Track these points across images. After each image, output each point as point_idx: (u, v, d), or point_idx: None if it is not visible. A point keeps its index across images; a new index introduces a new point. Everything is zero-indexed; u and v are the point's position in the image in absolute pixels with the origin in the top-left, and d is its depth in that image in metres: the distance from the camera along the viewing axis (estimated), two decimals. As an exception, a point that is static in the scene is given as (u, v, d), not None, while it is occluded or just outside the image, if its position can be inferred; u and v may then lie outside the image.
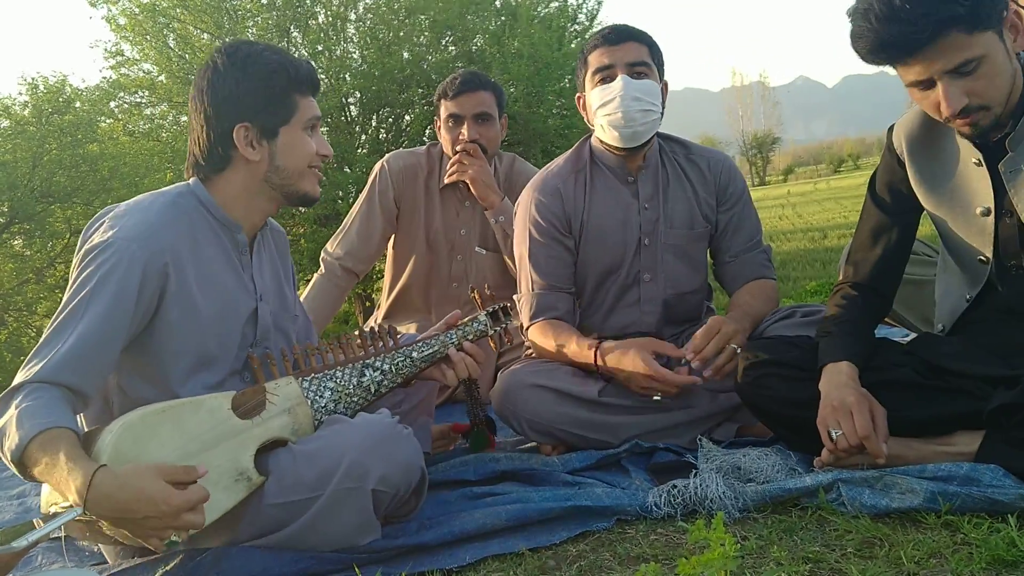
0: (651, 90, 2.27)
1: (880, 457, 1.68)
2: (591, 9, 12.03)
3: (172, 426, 1.56)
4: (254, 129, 1.74)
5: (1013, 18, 1.62)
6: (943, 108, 1.65)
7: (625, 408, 2.16)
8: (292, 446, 1.68)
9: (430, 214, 3.15)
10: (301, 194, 1.82)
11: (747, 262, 2.42)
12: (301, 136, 1.78)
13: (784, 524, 1.63)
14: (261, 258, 1.89)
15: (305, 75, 1.78)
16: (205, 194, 1.77)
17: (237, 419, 1.64)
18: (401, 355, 1.91)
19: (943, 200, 1.86)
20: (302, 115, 1.77)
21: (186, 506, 1.41)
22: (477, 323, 2.04)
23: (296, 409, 1.73)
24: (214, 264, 1.75)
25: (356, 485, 1.60)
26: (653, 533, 1.68)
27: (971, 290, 1.88)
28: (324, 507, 1.60)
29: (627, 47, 2.29)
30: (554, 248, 2.39)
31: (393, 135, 10.19)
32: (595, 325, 2.42)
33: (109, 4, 10.12)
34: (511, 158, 3.29)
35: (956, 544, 1.47)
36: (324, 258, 3.15)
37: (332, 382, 1.81)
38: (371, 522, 1.65)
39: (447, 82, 3.07)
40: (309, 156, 1.79)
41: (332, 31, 10.21)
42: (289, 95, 1.75)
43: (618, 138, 2.30)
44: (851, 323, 1.90)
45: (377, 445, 1.65)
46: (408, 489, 1.72)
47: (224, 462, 1.58)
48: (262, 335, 1.83)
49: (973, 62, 1.60)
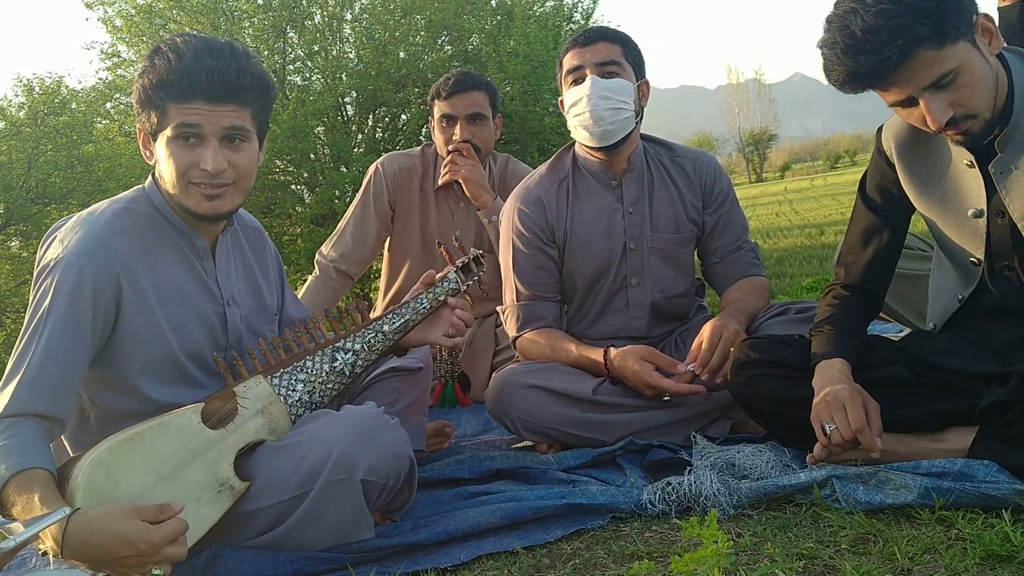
0: (621, 88, 2.27)
1: (874, 451, 1.68)
2: (586, 8, 12.02)
3: (143, 452, 1.54)
4: (144, 130, 1.66)
5: (984, 22, 1.61)
6: (929, 123, 1.65)
7: (619, 406, 2.16)
8: (277, 445, 1.67)
9: (425, 215, 3.15)
10: (183, 208, 1.66)
11: (735, 261, 2.43)
12: (171, 147, 1.61)
13: (778, 520, 1.64)
14: (228, 260, 1.83)
15: (186, 79, 1.57)
16: (158, 196, 1.71)
17: (209, 431, 1.62)
18: (372, 331, 1.87)
19: (934, 202, 1.86)
20: (171, 121, 1.60)
21: (165, 541, 1.40)
22: (447, 281, 1.98)
23: (270, 408, 1.72)
24: (172, 271, 1.71)
25: (345, 477, 1.60)
26: (648, 530, 1.68)
27: (964, 290, 1.88)
28: (314, 502, 1.59)
29: (597, 47, 2.30)
30: (538, 258, 2.39)
31: (390, 134, 10.18)
32: (583, 331, 2.43)
33: (105, 5, 10.11)
34: (505, 158, 3.30)
35: (950, 539, 1.47)
36: (318, 260, 3.15)
37: (303, 373, 1.78)
38: (363, 515, 1.65)
39: (440, 82, 3.07)
40: (179, 169, 1.62)
41: (328, 31, 10.21)
42: (161, 101, 1.60)
43: (589, 138, 2.30)
44: (843, 322, 1.91)
45: (364, 436, 1.64)
46: (398, 479, 1.70)
47: (203, 476, 1.57)
48: (234, 340, 1.80)
49: (949, 75, 1.61)
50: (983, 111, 1.65)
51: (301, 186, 9.92)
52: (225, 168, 1.63)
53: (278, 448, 1.66)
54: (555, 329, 2.38)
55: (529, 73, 9.45)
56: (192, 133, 1.61)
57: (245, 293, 1.87)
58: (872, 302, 2.01)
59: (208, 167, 1.61)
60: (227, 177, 1.65)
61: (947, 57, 1.59)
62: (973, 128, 1.67)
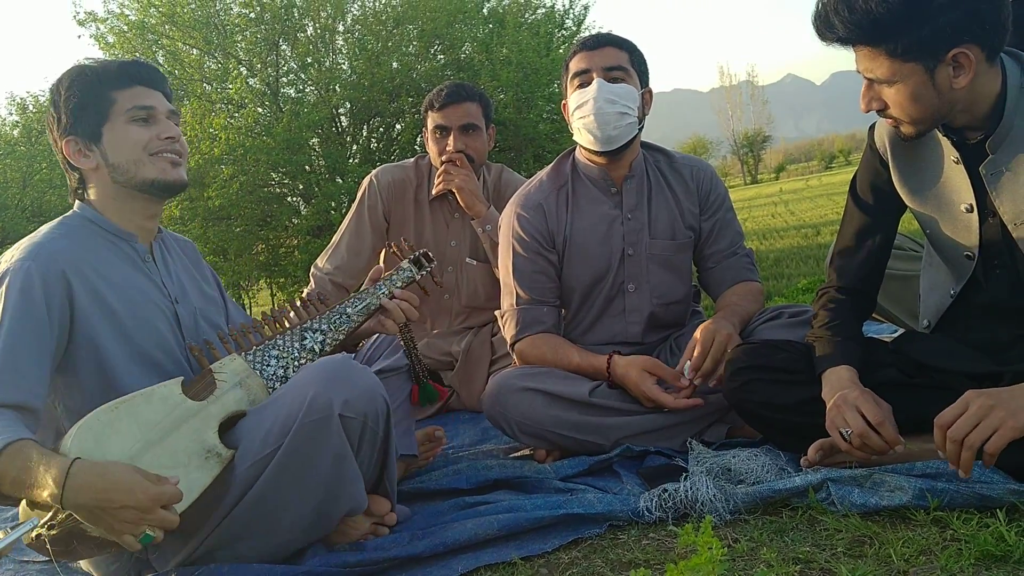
0: (627, 94, 2.29)
1: (897, 444, 1.68)
2: (578, 14, 12.07)
3: (129, 419, 1.56)
4: (80, 139, 1.77)
5: (961, 57, 1.61)
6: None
7: (615, 410, 2.17)
8: (253, 409, 1.70)
9: (420, 226, 3.16)
10: (150, 182, 1.78)
11: (730, 266, 2.44)
12: (126, 128, 1.77)
13: (775, 525, 1.64)
14: (167, 264, 1.90)
15: (120, 69, 1.79)
16: (89, 211, 1.80)
17: (191, 401, 1.65)
18: (336, 313, 1.93)
19: (928, 198, 1.87)
20: (121, 106, 1.77)
21: (161, 499, 1.44)
22: (402, 271, 2.06)
23: (247, 381, 1.75)
24: (121, 269, 1.77)
25: (323, 415, 1.61)
26: (645, 538, 1.68)
27: (956, 285, 1.89)
28: (294, 445, 1.60)
29: (604, 52, 2.32)
30: (538, 262, 2.40)
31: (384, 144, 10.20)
32: (579, 336, 2.44)
33: (97, 23, 10.14)
34: (499, 168, 3.31)
35: (945, 540, 1.48)
36: (314, 273, 3.16)
37: (275, 350, 1.83)
38: (347, 458, 1.65)
39: (433, 94, 3.08)
40: (139, 143, 1.77)
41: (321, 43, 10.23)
42: (101, 92, 1.76)
43: (593, 141, 2.32)
44: (842, 326, 1.91)
45: (335, 375, 1.66)
46: (377, 419, 1.70)
47: (189, 443, 1.59)
48: (189, 333, 1.84)
49: (883, 81, 1.68)
50: (908, 121, 1.72)
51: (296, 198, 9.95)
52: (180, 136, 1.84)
53: (255, 410, 1.70)
54: (555, 334, 2.39)
55: (522, 80, 9.48)
56: (147, 114, 1.79)
57: (191, 292, 1.92)
58: (866, 302, 2.02)
59: (172, 134, 1.80)
60: (182, 145, 1.83)
61: (882, 65, 1.65)
62: (902, 128, 1.75)
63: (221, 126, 8.68)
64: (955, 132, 1.77)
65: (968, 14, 1.57)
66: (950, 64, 1.62)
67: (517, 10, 11.38)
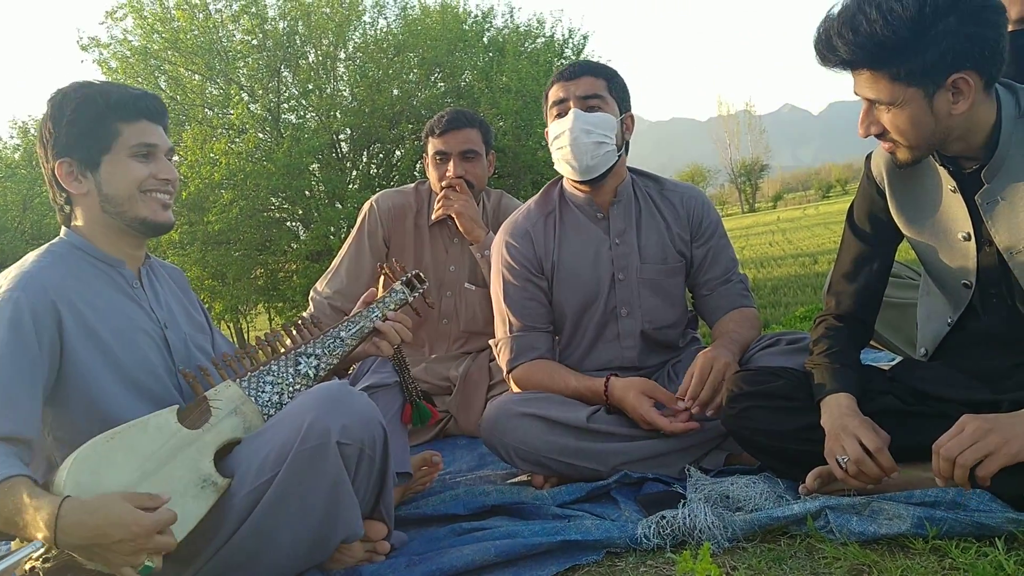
0: (603, 122, 2.30)
1: (893, 472, 1.68)
2: (577, 43, 12.19)
3: (124, 450, 1.56)
4: (75, 163, 1.76)
5: (960, 83, 1.63)
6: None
7: (614, 435, 2.16)
8: (250, 436, 1.69)
9: (419, 252, 3.17)
10: (140, 220, 1.79)
11: (725, 293, 2.44)
12: (126, 162, 1.76)
13: (773, 553, 1.63)
14: (156, 290, 1.89)
15: (126, 101, 1.77)
16: (76, 237, 1.79)
17: (186, 430, 1.64)
18: (330, 337, 1.93)
19: (925, 227, 1.88)
20: (125, 141, 1.76)
21: (156, 527, 1.43)
22: (395, 293, 2.06)
23: (242, 408, 1.74)
24: (108, 296, 1.76)
25: (320, 442, 1.60)
26: (643, 565, 1.67)
27: (953, 314, 1.90)
28: (291, 473, 1.59)
29: (581, 81, 2.33)
30: (528, 289, 2.41)
31: (384, 170, 10.26)
32: (576, 363, 2.44)
33: (101, 48, 10.22)
34: (499, 194, 3.33)
35: (944, 569, 1.47)
36: (313, 297, 3.16)
37: (270, 376, 1.82)
38: (344, 485, 1.64)
39: (434, 120, 3.11)
40: (136, 181, 1.76)
41: (322, 70, 10.32)
42: (106, 122, 1.75)
43: (571, 171, 2.34)
44: (841, 354, 1.92)
45: (332, 402, 1.65)
46: (374, 446, 1.70)
47: (185, 473, 1.58)
48: (180, 359, 1.83)
49: (883, 105, 1.69)
50: (906, 145, 1.73)
51: (296, 223, 9.98)
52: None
53: (251, 437, 1.69)
54: (551, 360, 2.39)
55: (521, 108, 9.55)
56: (149, 151, 1.79)
57: (180, 318, 1.91)
58: (863, 330, 2.02)
59: (169, 176, 1.80)
60: (174, 187, 1.84)
61: (882, 89, 1.66)
62: (899, 152, 1.75)
63: (222, 151, 8.74)
64: (951, 161, 1.79)
65: (970, 40, 1.59)
66: (949, 90, 1.64)
67: (517, 39, 11.49)
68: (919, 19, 1.57)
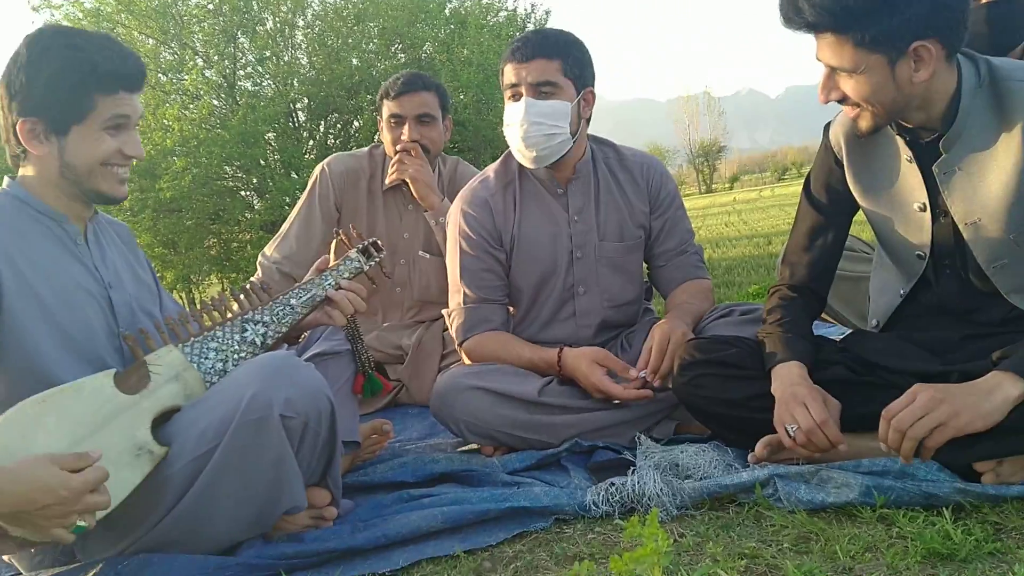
0: (555, 112, 2.23)
1: (839, 443, 1.68)
2: (539, 19, 12.10)
3: (56, 414, 1.49)
4: (41, 124, 1.66)
5: (922, 51, 1.62)
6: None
7: (565, 408, 2.14)
8: (189, 404, 1.63)
9: (372, 217, 3.11)
10: (96, 192, 1.71)
11: (680, 265, 2.43)
12: (96, 135, 1.67)
13: (721, 520, 1.63)
14: (102, 247, 1.82)
15: (112, 73, 1.66)
16: (19, 189, 1.71)
17: (124, 395, 1.57)
18: (280, 304, 1.85)
19: (881, 197, 1.87)
20: (101, 113, 1.66)
21: (86, 487, 1.38)
22: (350, 261, 1.98)
23: (183, 375, 1.67)
24: (50, 254, 1.69)
25: (262, 415, 1.55)
26: (591, 532, 1.66)
27: (906, 285, 1.90)
28: (231, 446, 1.54)
29: (533, 65, 2.23)
30: (485, 260, 2.36)
31: (341, 141, 10.11)
32: (531, 338, 2.40)
33: (52, 8, 9.90)
34: (455, 161, 3.27)
35: (892, 538, 1.47)
36: (261, 262, 3.09)
37: (214, 342, 1.75)
38: (287, 458, 1.59)
39: (389, 82, 3.03)
40: (102, 156, 1.68)
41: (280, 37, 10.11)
42: (86, 94, 1.65)
43: (522, 159, 2.30)
44: (793, 323, 1.91)
45: (275, 373, 1.59)
46: (319, 419, 1.65)
47: (120, 440, 1.52)
48: (124, 321, 1.76)
49: (845, 71, 1.67)
50: (870, 111, 1.71)
51: (251, 192, 9.79)
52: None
53: (191, 406, 1.62)
54: (504, 332, 2.35)
55: (483, 82, 9.45)
56: (121, 123, 1.69)
57: (127, 278, 1.84)
58: (816, 301, 2.02)
59: (135, 152, 1.72)
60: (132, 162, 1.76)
61: (846, 54, 1.65)
62: (862, 119, 1.74)
63: (175, 117, 8.53)
64: (909, 132, 1.78)
65: (935, 8, 1.58)
66: (911, 57, 1.62)
67: (479, 12, 11.37)
68: None
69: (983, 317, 1.79)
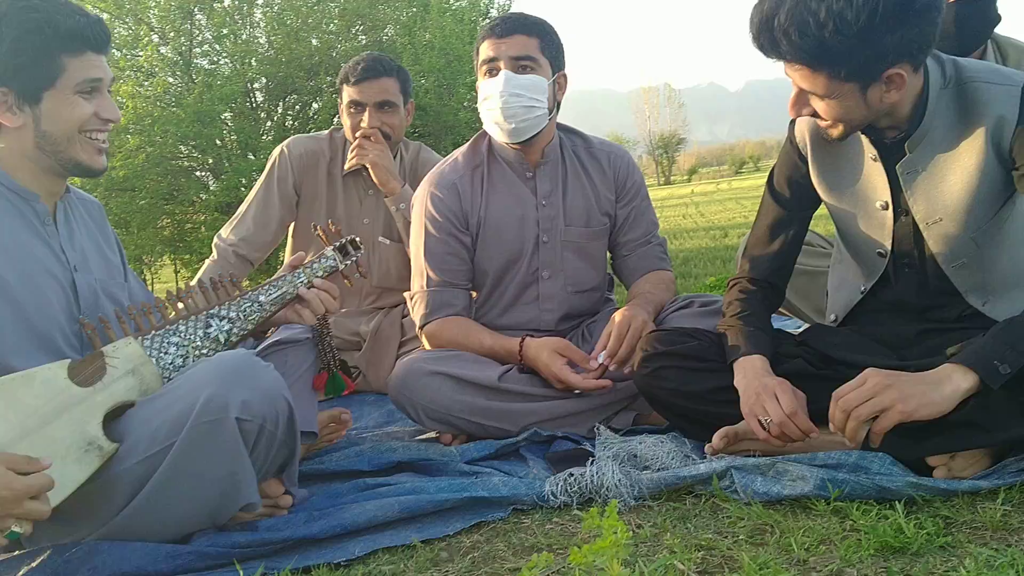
0: (534, 85, 2.24)
1: (812, 432, 1.70)
2: (502, 4, 12.03)
3: (5, 403, 1.45)
4: (12, 94, 1.61)
5: (895, 76, 1.63)
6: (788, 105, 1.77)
7: (524, 395, 2.14)
8: (144, 400, 1.59)
9: (332, 202, 3.07)
10: (75, 163, 1.68)
11: (644, 255, 2.44)
12: (70, 99, 1.64)
13: (678, 511, 1.64)
14: (71, 227, 1.77)
15: (74, 32, 1.62)
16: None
17: (77, 387, 1.53)
18: (248, 300, 1.80)
19: (845, 194, 1.89)
20: (71, 77, 1.63)
21: (28, 492, 1.34)
22: (325, 259, 1.94)
23: (140, 369, 1.63)
24: (16, 233, 1.64)
25: (217, 417, 1.51)
26: (549, 522, 1.65)
27: (866, 282, 1.92)
28: (185, 448, 1.50)
29: (513, 40, 2.25)
30: (451, 244, 2.35)
31: (300, 122, 9.97)
32: (492, 321, 2.39)
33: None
34: (418, 147, 3.24)
35: (845, 531, 1.49)
36: (217, 244, 3.03)
37: (176, 336, 1.70)
38: (242, 459, 1.55)
39: (349, 66, 2.98)
40: (79, 120, 1.65)
41: (238, 15, 9.92)
42: (51, 56, 1.61)
43: (500, 133, 2.28)
44: (754, 316, 1.93)
45: (233, 375, 1.55)
46: (276, 422, 1.62)
47: (69, 434, 1.48)
48: (87, 306, 1.71)
49: (812, 95, 1.69)
50: (838, 125, 1.73)
51: (206, 173, 9.63)
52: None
53: (145, 402, 1.58)
54: (466, 317, 2.34)
55: (444, 67, 9.38)
56: (93, 86, 1.66)
57: (94, 260, 1.79)
58: (775, 294, 2.04)
59: (112, 115, 1.68)
60: (113, 124, 1.72)
61: (819, 84, 1.65)
62: (831, 129, 1.75)
63: (129, 94, 8.34)
64: (875, 131, 1.80)
65: (908, 37, 1.58)
66: (883, 82, 1.64)
67: (442, -5, 11.29)
68: (868, 28, 1.54)
69: (940, 314, 1.82)
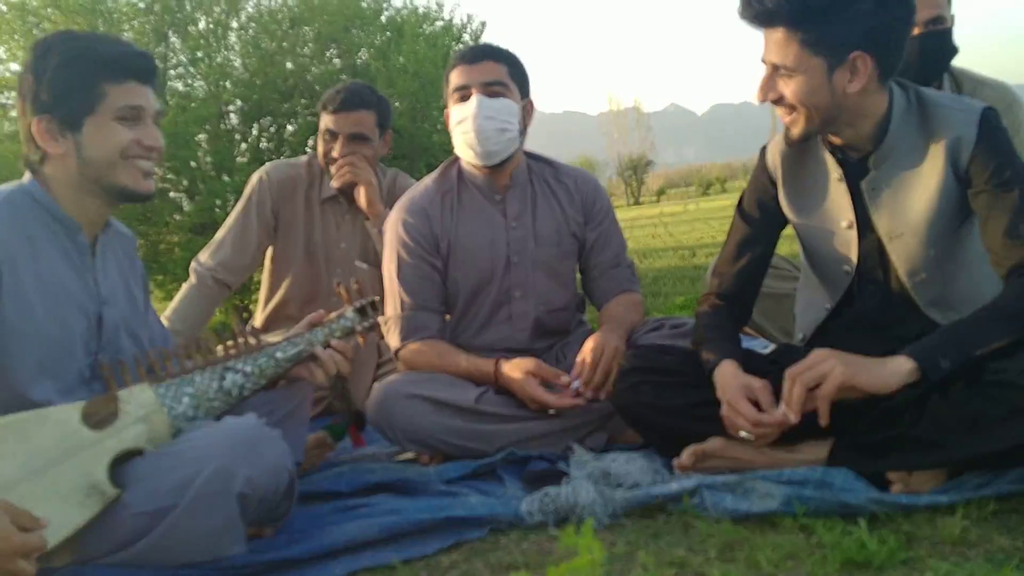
0: (506, 109, 2.30)
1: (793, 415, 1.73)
2: (475, 30, 12.13)
3: (15, 440, 1.47)
4: (55, 122, 1.67)
5: (858, 63, 1.74)
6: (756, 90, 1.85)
7: (501, 416, 2.18)
8: (152, 452, 1.61)
9: (309, 227, 3.09)
10: (119, 188, 1.71)
11: (614, 277, 2.50)
12: (109, 125, 1.68)
13: (651, 529, 1.68)
14: (106, 261, 1.81)
15: (116, 60, 1.69)
16: (39, 191, 1.69)
17: (87, 431, 1.55)
18: (264, 356, 1.83)
19: (812, 215, 1.97)
20: (111, 103, 1.68)
21: (22, 550, 1.34)
22: (344, 319, 1.95)
23: (152, 417, 1.65)
24: (53, 265, 1.68)
25: (220, 489, 1.54)
26: (525, 541, 1.69)
27: (831, 300, 2.00)
28: (185, 513, 1.53)
29: (483, 66, 2.32)
30: (422, 268, 2.39)
31: (274, 145, 9.95)
32: (467, 341, 2.44)
33: (-29, 0, 9.57)
34: (394, 173, 3.27)
35: (811, 546, 1.54)
36: (195, 268, 3.04)
37: (191, 387, 1.72)
38: (237, 529, 1.59)
39: (330, 94, 3.00)
40: (118, 146, 1.68)
41: (213, 38, 9.90)
42: (92, 83, 1.67)
43: (474, 156, 2.34)
44: (724, 329, 2.02)
45: (242, 447, 1.58)
46: (276, 493, 1.66)
47: (75, 477, 1.50)
48: (108, 340, 1.75)
49: (785, 71, 1.77)
50: (804, 114, 1.80)
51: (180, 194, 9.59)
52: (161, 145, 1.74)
53: (152, 455, 1.60)
54: (441, 340, 2.38)
55: (418, 90, 9.43)
56: (135, 114, 1.70)
57: (121, 296, 1.82)
58: (742, 310, 2.13)
59: (154, 143, 1.72)
60: (159, 155, 1.75)
61: (791, 52, 1.75)
62: (795, 123, 1.83)
63: (102, 116, 8.30)
64: (840, 150, 1.88)
65: (880, 25, 1.70)
66: (848, 67, 1.73)
67: (415, 20, 11.34)
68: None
69: (901, 331, 1.88)
